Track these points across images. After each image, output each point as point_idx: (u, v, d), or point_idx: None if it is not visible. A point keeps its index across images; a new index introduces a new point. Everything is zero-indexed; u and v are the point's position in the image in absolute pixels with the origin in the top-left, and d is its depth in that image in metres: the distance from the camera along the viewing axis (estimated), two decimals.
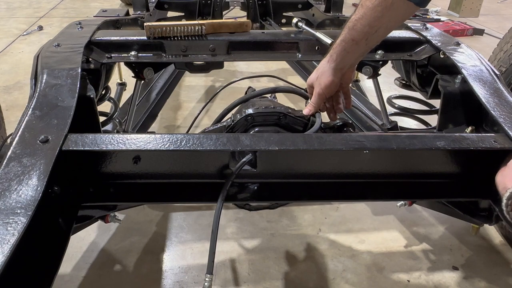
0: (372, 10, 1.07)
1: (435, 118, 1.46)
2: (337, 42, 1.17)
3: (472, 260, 1.61)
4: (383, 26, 1.10)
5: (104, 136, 0.97)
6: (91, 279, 1.48)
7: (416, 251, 1.64)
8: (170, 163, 1.03)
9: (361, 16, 1.09)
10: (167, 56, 1.47)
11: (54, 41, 1.38)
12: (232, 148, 0.97)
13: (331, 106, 1.30)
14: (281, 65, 3.08)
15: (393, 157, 1.08)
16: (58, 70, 1.19)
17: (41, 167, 0.87)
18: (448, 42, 1.49)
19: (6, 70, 3.17)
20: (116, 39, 1.45)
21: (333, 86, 1.21)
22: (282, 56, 1.57)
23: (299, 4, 2.75)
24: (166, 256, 1.59)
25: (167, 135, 0.98)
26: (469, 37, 4.21)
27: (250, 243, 1.65)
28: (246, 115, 1.17)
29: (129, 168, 1.01)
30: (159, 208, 1.81)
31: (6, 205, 0.79)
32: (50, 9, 4.84)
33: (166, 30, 1.42)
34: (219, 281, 1.48)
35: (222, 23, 1.50)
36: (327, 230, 1.73)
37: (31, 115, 1.02)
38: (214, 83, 3.02)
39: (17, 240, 0.73)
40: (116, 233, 1.67)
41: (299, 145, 0.98)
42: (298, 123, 1.21)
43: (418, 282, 1.51)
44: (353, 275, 1.53)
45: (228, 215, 1.78)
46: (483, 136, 1.06)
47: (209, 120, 2.27)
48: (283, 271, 1.54)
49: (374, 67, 1.66)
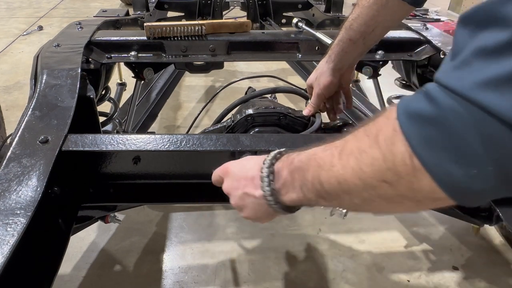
0: (367, 9, 1.07)
1: None
2: (335, 42, 1.17)
3: (472, 260, 1.61)
4: (379, 25, 1.10)
5: (104, 137, 0.97)
6: (91, 279, 1.48)
7: (416, 251, 1.64)
8: (170, 163, 1.03)
9: (357, 15, 1.09)
10: (167, 56, 1.47)
11: (54, 41, 1.38)
12: (232, 149, 0.97)
13: (331, 106, 1.30)
14: (281, 65, 3.08)
15: None
16: (58, 70, 1.19)
17: (41, 167, 0.87)
18: (448, 42, 1.49)
19: (6, 70, 3.17)
20: (116, 39, 1.45)
21: (332, 86, 1.21)
22: (282, 56, 1.57)
23: (299, 4, 2.75)
24: (166, 256, 1.59)
25: (167, 136, 0.98)
26: None
27: (250, 243, 1.65)
28: (246, 116, 1.17)
29: (129, 169, 1.01)
30: (159, 208, 1.81)
31: (5, 205, 0.79)
32: (50, 9, 4.84)
33: (166, 30, 1.42)
34: (219, 281, 1.48)
35: (222, 23, 1.50)
36: (327, 230, 1.73)
37: (31, 116, 1.02)
38: (214, 83, 3.02)
39: (17, 240, 0.72)
40: (116, 233, 1.67)
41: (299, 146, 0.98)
42: (298, 123, 1.21)
43: (418, 282, 1.51)
44: (353, 275, 1.53)
45: (228, 215, 1.78)
46: None
47: (209, 120, 2.27)
48: (283, 271, 1.54)
49: (374, 67, 1.66)
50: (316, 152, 0.64)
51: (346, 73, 1.23)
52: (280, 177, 0.69)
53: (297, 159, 0.67)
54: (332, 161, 0.59)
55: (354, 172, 0.55)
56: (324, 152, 0.62)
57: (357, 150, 0.55)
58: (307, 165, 0.64)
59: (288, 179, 0.68)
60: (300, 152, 0.68)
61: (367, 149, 0.53)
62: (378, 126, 0.53)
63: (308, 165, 0.64)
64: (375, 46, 1.50)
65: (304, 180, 0.64)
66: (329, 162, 0.59)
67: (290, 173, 0.67)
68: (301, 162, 0.66)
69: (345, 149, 0.58)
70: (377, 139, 0.52)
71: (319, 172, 0.61)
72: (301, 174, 0.65)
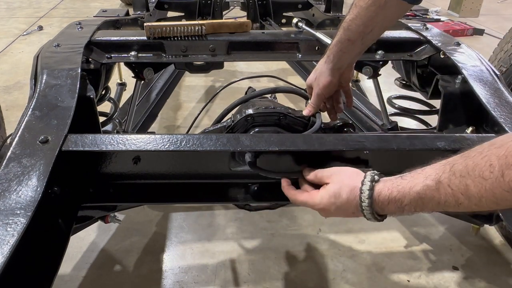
0: (366, 10, 1.07)
1: (435, 119, 1.46)
2: (333, 42, 1.17)
3: (472, 260, 1.61)
4: (377, 25, 1.10)
5: (104, 137, 0.97)
6: (91, 279, 1.48)
7: (416, 251, 1.64)
8: (170, 163, 1.03)
9: (355, 16, 1.09)
10: (167, 56, 1.47)
11: (54, 41, 1.37)
12: (232, 149, 0.97)
13: (331, 106, 1.30)
14: (281, 65, 3.08)
15: (394, 157, 1.07)
16: (58, 70, 1.19)
17: (41, 167, 0.87)
18: (448, 42, 1.49)
19: (6, 70, 3.17)
20: (116, 39, 1.45)
21: (331, 86, 1.21)
22: (282, 56, 1.57)
23: (299, 4, 2.75)
24: (166, 256, 1.59)
25: (167, 136, 0.98)
26: (469, 37, 4.20)
27: (250, 243, 1.65)
28: (246, 116, 1.17)
29: (129, 169, 1.01)
30: (159, 208, 1.81)
31: (5, 205, 0.79)
32: (50, 9, 4.84)
33: (166, 30, 1.42)
34: (219, 281, 1.48)
35: (222, 23, 1.50)
36: (327, 230, 1.73)
37: (31, 116, 1.02)
38: (214, 83, 3.02)
39: (17, 240, 0.73)
40: (116, 233, 1.67)
41: (299, 146, 0.98)
42: (298, 123, 1.20)
43: (418, 282, 1.51)
44: (353, 275, 1.53)
45: (228, 215, 1.78)
46: (484, 136, 1.06)
47: (209, 120, 2.27)
48: (283, 271, 1.54)
49: (374, 67, 1.66)
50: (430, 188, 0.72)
51: (346, 72, 1.23)
52: (384, 205, 0.79)
53: (411, 194, 0.75)
54: (458, 200, 0.67)
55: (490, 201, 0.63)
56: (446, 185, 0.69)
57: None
58: (422, 200, 0.73)
59: (395, 209, 0.78)
60: (407, 183, 0.76)
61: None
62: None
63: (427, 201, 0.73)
64: (375, 46, 1.50)
65: (421, 209, 0.75)
66: (454, 202, 0.68)
67: (398, 207, 0.77)
68: (419, 196, 0.73)
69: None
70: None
71: (438, 207, 0.72)
72: (415, 206, 0.75)
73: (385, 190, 0.79)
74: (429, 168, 0.73)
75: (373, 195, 0.80)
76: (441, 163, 0.71)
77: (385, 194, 0.78)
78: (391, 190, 0.78)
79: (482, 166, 0.62)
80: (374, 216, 0.82)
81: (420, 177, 0.73)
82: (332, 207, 0.87)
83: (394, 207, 0.77)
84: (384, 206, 0.79)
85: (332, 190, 0.87)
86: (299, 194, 0.95)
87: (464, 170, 0.65)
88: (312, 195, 0.92)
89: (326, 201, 0.87)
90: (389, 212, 0.80)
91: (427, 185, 0.71)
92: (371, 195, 0.80)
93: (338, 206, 0.86)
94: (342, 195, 0.85)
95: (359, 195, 0.81)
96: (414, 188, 0.73)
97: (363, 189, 0.81)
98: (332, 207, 0.87)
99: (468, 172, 0.64)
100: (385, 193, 0.78)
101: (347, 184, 0.85)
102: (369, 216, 0.82)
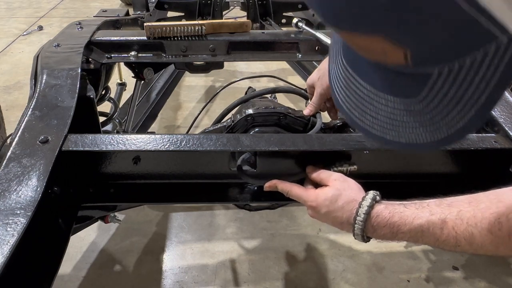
0: None
1: None
2: None
3: (472, 260, 1.61)
4: None
5: (104, 137, 0.97)
6: (91, 279, 1.48)
7: (416, 251, 1.64)
8: (170, 163, 1.03)
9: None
10: (167, 56, 1.47)
11: (54, 41, 1.37)
12: (232, 149, 0.97)
13: (331, 106, 1.30)
14: (281, 65, 3.08)
15: (393, 157, 1.07)
16: (58, 70, 1.19)
17: (41, 167, 0.87)
18: None
19: (6, 70, 3.17)
20: (116, 39, 1.45)
21: None
22: (282, 56, 1.56)
23: (299, 4, 2.75)
24: (166, 256, 1.59)
25: (167, 136, 0.98)
26: None
27: (250, 243, 1.65)
28: (246, 116, 1.17)
29: (129, 169, 1.01)
30: (159, 208, 1.81)
31: (5, 205, 0.79)
32: (50, 9, 4.84)
33: (166, 30, 1.42)
34: (219, 281, 1.48)
35: (222, 23, 1.50)
36: (327, 230, 1.73)
37: (31, 116, 1.02)
38: (214, 83, 3.02)
39: (17, 240, 0.73)
40: (116, 233, 1.67)
41: (299, 146, 0.98)
42: (298, 123, 1.20)
43: (418, 282, 1.51)
44: (353, 275, 1.53)
45: (228, 215, 1.78)
46: (483, 136, 1.06)
47: (209, 120, 2.27)
48: (283, 271, 1.54)
49: None
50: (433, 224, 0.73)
51: None
52: (378, 226, 0.79)
53: (409, 224, 0.76)
54: (457, 241, 0.70)
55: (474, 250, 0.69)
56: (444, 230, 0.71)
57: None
58: (421, 233, 0.74)
59: (387, 234, 0.78)
60: (411, 213, 0.77)
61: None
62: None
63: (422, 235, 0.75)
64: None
65: (416, 240, 0.76)
66: (454, 243, 0.70)
67: (392, 233, 0.78)
68: (421, 228, 0.74)
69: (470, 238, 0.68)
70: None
71: (434, 243, 0.74)
72: (412, 236, 0.76)
73: (385, 212, 0.78)
74: (434, 205, 0.74)
75: (370, 213, 0.79)
76: (446, 203, 0.74)
77: (385, 216, 0.78)
78: (392, 214, 0.77)
79: (491, 221, 0.64)
80: (362, 234, 0.81)
81: (425, 211, 0.74)
82: (324, 209, 0.86)
83: (389, 231, 0.77)
84: (378, 227, 0.79)
85: (330, 194, 0.86)
86: (296, 187, 0.95)
87: (472, 219, 0.67)
88: (308, 191, 0.92)
89: (320, 201, 0.87)
90: (380, 234, 0.80)
91: (432, 221, 0.72)
92: (368, 212, 0.79)
93: (330, 211, 0.85)
94: (338, 202, 0.84)
95: (357, 209, 0.81)
96: (418, 221, 0.74)
97: (363, 204, 0.81)
98: (323, 209, 0.86)
99: (476, 223, 0.67)
100: (385, 215, 0.78)
101: (347, 194, 0.85)
102: (358, 231, 0.81)
